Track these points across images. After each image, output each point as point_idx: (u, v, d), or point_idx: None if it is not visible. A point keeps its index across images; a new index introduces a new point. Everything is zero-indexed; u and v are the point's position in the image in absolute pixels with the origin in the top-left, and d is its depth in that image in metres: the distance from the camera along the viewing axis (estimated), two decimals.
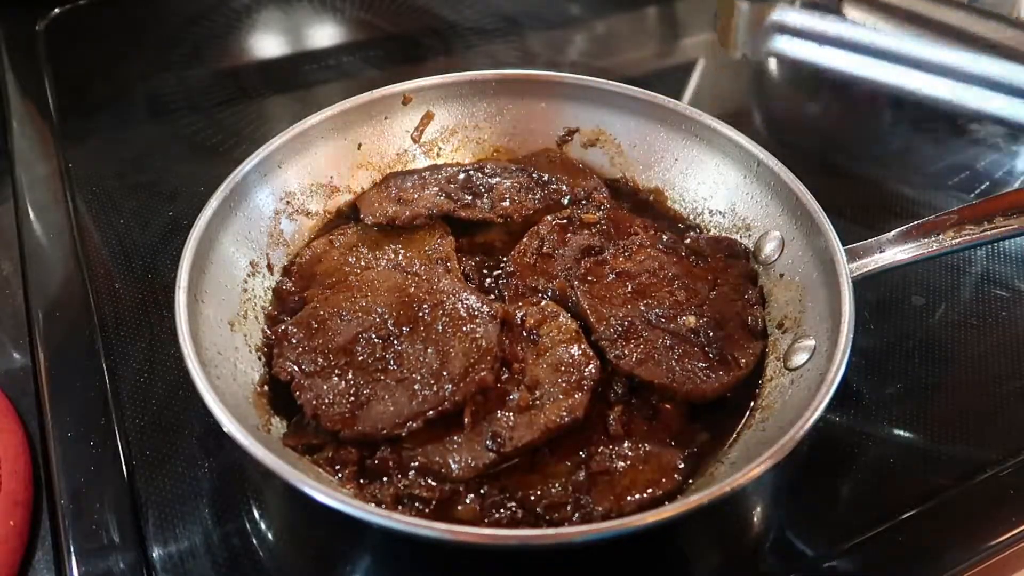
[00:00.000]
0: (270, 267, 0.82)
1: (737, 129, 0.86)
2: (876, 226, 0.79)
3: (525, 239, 0.84)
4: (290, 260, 0.84)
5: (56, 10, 1.29)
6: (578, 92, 0.93)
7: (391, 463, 0.67)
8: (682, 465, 0.67)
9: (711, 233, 0.88)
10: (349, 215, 0.89)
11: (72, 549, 0.67)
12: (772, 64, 1.32)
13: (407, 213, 0.85)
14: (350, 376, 0.70)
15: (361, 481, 0.66)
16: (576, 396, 0.69)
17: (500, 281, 0.82)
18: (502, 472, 0.67)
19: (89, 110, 1.13)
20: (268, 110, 1.16)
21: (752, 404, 0.73)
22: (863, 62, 0.65)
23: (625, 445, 0.68)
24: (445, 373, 0.69)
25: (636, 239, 0.84)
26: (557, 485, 0.66)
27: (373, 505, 0.64)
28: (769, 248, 0.82)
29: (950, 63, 0.61)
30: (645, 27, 1.38)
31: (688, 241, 0.84)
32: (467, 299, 0.75)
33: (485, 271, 0.84)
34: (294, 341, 0.73)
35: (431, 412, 0.67)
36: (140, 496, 0.71)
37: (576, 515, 0.64)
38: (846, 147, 1.13)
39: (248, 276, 0.80)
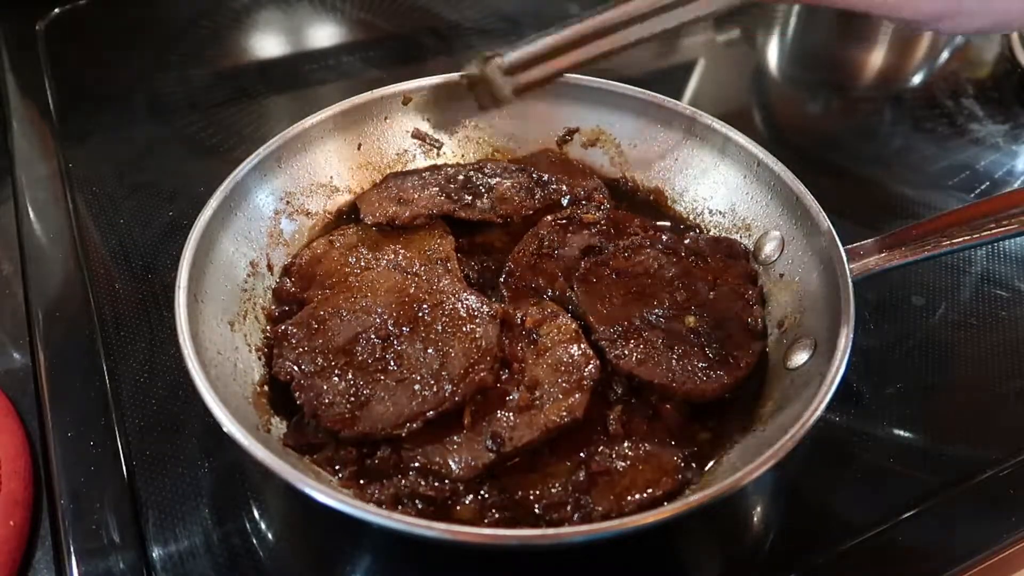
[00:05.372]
0: (270, 267, 0.82)
1: (737, 129, 0.86)
2: (876, 226, 0.80)
3: (525, 239, 0.84)
4: (290, 260, 0.84)
5: (56, 10, 1.29)
6: (578, 92, 0.93)
7: (391, 463, 0.67)
8: (682, 465, 0.67)
9: (711, 233, 0.88)
10: (349, 215, 0.89)
11: (72, 549, 0.67)
12: (772, 64, 1.32)
13: (407, 213, 0.85)
14: (350, 376, 0.70)
15: (361, 481, 0.66)
16: (576, 396, 0.69)
17: (500, 281, 0.82)
18: (502, 472, 0.67)
19: (89, 110, 1.13)
20: (268, 110, 1.16)
21: (752, 404, 0.73)
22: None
23: (625, 445, 0.68)
24: (445, 373, 0.69)
25: (636, 239, 0.84)
26: (557, 485, 0.66)
27: (373, 505, 0.64)
28: (769, 248, 0.82)
29: None
30: None
31: (688, 241, 0.84)
32: (467, 299, 0.75)
33: (485, 271, 0.84)
34: (294, 341, 0.73)
35: (431, 412, 0.67)
36: (140, 496, 0.71)
37: (576, 515, 0.64)
38: (846, 147, 1.13)
39: (248, 276, 0.80)
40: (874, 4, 0.57)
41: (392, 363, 0.71)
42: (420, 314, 0.74)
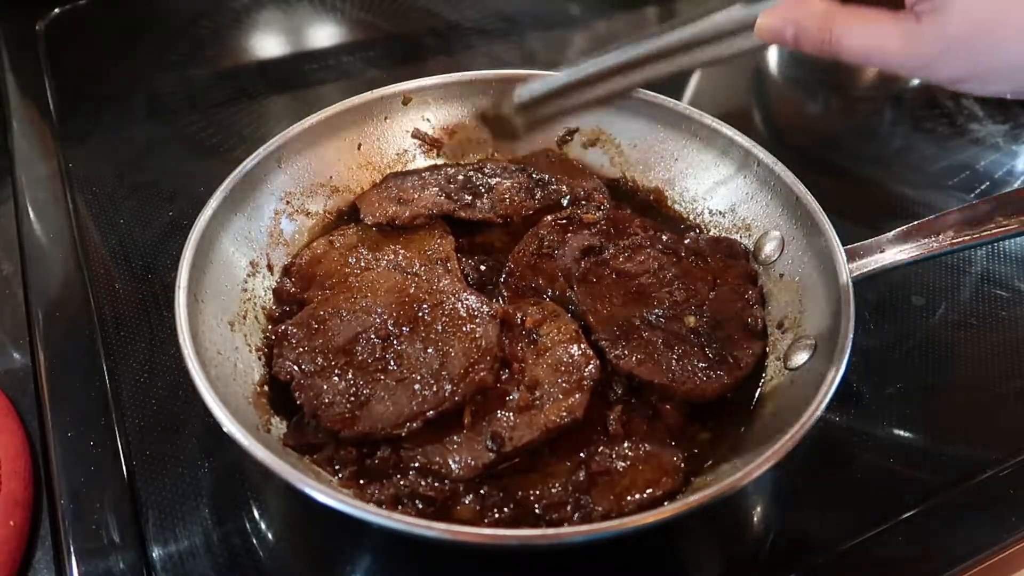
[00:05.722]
0: (270, 267, 0.82)
1: (737, 129, 0.86)
2: (876, 226, 0.79)
3: (525, 239, 0.84)
4: (290, 260, 0.84)
5: (56, 10, 1.29)
6: None
7: (391, 463, 0.67)
8: (682, 465, 0.67)
9: (711, 233, 0.88)
10: (349, 215, 0.89)
11: (72, 549, 0.67)
12: (772, 64, 1.32)
13: (407, 213, 0.85)
14: (350, 376, 0.70)
15: (361, 481, 0.66)
16: (576, 396, 0.69)
17: (500, 281, 0.82)
18: (502, 472, 0.67)
19: (89, 110, 1.13)
20: (268, 110, 1.16)
21: (752, 404, 0.73)
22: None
23: (625, 445, 0.68)
24: (445, 373, 0.69)
25: (636, 239, 0.84)
26: (557, 485, 0.66)
27: (373, 505, 0.64)
28: (769, 248, 0.82)
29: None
30: (645, 27, 1.38)
31: (688, 241, 0.84)
32: (467, 299, 0.75)
33: (485, 271, 0.84)
34: (294, 341, 0.73)
35: (431, 412, 0.67)
36: (140, 496, 0.71)
37: (576, 515, 0.64)
38: (846, 147, 1.13)
39: (248, 276, 0.80)
40: (893, 66, 0.57)
41: (392, 363, 0.71)
42: (420, 314, 0.74)
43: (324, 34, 1.33)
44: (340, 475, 0.67)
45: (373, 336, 0.73)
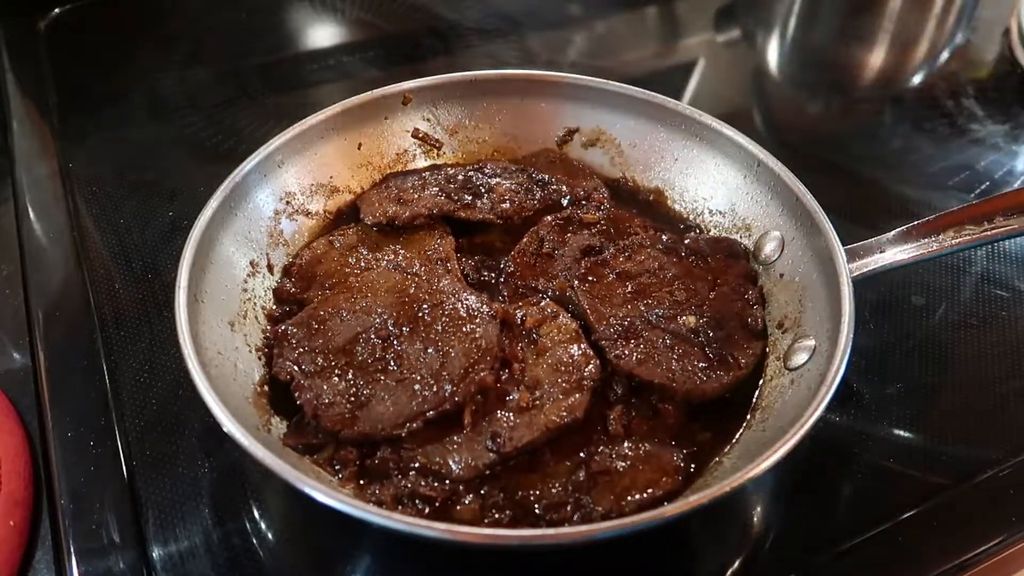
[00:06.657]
0: (270, 267, 0.82)
1: (737, 129, 0.86)
2: (876, 226, 0.80)
3: (525, 239, 0.84)
4: (290, 260, 0.84)
5: (57, 10, 1.29)
6: (578, 92, 0.93)
7: (391, 463, 0.67)
8: (682, 465, 0.67)
9: (711, 233, 0.88)
10: (349, 215, 0.89)
11: (72, 549, 0.67)
12: (772, 64, 1.32)
13: (407, 213, 0.85)
14: (350, 376, 0.70)
15: (361, 481, 0.66)
16: (576, 396, 0.69)
17: (500, 281, 0.82)
18: (502, 472, 0.67)
19: (89, 110, 1.13)
20: (268, 110, 1.16)
21: (752, 404, 0.73)
22: None
23: (625, 445, 0.68)
24: (445, 373, 0.69)
25: (636, 239, 0.84)
26: (557, 485, 0.66)
27: (373, 505, 0.64)
28: (769, 248, 0.82)
29: None
30: (645, 27, 1.38)
31: (688, 241, 0.84)
32: (467, 299, 0.75)
33: (485, 271, 0.84)
34: (294, 341, 0.73)
35: (431, 412, 0.67)
36: (140, 496, 0.71)
37: (576, 515, 0.64)
38: (846, 147, 1.13)
39: (248, 276, 0.80)
40: None
41: (392, 363, 0.71)
42: (420, 314, 0.74)
43: (324, 34, 1.33)
44: (340, 475, 0.67)
45: (373, 336, 0.73)
